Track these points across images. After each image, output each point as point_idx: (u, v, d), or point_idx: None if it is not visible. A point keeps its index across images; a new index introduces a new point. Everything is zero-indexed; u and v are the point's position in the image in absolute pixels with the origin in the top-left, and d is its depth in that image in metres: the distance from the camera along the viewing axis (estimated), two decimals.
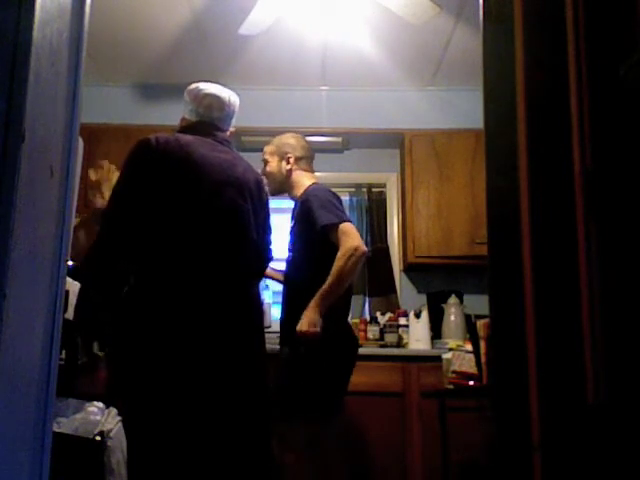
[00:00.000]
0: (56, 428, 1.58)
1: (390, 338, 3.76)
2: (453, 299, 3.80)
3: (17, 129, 0.94)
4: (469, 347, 2.73)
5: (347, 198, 4.21)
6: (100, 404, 1.86)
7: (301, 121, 4.02)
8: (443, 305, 3.80)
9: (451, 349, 2.91)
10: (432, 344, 3.68)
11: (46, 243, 1.08)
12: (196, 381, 2.04)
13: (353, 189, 4.34)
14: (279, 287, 3.01)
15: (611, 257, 1.15)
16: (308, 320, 2.41)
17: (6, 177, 0.92)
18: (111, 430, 1.77)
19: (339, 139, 4.25)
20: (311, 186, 2.71)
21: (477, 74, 1.51)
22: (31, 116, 0.96)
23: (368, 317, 3.96)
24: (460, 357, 2.72)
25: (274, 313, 3.64)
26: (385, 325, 3.83)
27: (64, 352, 2.15)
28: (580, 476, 1.15)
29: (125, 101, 4.25)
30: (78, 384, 2.24)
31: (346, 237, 2.49)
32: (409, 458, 3.32)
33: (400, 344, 3.74)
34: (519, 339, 1.22)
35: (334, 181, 3.97)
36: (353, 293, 2.96)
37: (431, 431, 3.12)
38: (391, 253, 4.23)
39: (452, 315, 3.74)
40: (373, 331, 3.81)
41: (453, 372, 2.73)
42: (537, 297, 1.22)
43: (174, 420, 2.00)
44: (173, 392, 2.01)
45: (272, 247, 2.43)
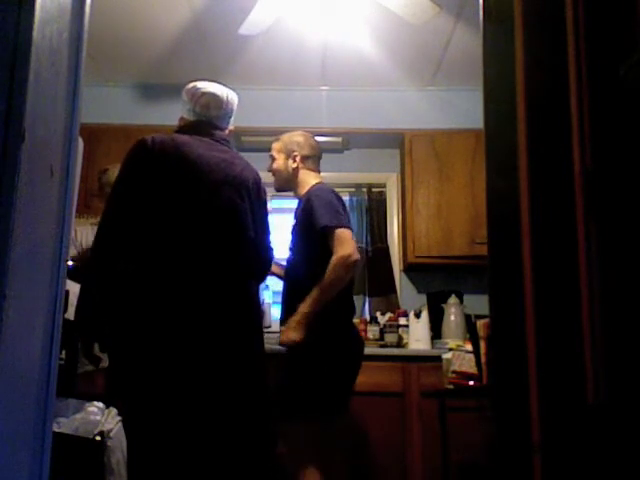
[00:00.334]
0: (56, 428, 1.57)
1: (390, 338, 3.76)
2: (453, 299, 3.80)
3: (17, 129, 0.94)
4: (469, 347, 2.73)
5: (347, 198, 4.20)
6: (100, 404, 1.86)
7: (301, 121, 4.02)
8: (443, 305, 3.80)
9: (451, 349, 2.90)
10: (432, 344, 3.67)
11: (46, 243, 1.08)
12: (195, 381, 2.04)
13: (353, 189, 4.34)
14: (279, 287, 3.00)
15: (611, 257, 1.15)
16: (286, 336, 2.42)
17: (6, 177, 0.92)
18: (111, 430, 1.77)
19: (339, 139, 4.25)
20: (315, 185, 2.69)
21: (477, 74, 1.52)
22: (31, 116, 0.96)
23: (368, 317, 3.96)
24: (460, 357, 2.72)
25: (274, 313, 3.64)
26: (385, 325, 3.83)
27: (64, 352, 2.15)
28: (580, 476, 1.15)
29: (125, 101, 4.25)
30: (78, 384, 2.24)
31: (339, 244, 2.47)
32: (409, 458, 3.32)
33: (400, 344, 3.74)
34: (519, 339, 1.22)
35: (334, 181, 3.96)
36: (354, 293, 2.94)
37: (431, 431, 3.12)
38: (391, 253, 4.23)
39: (452, 315, 3.74)
40: (373, 331, 3.81)
41: (453, 372, 2.72)
42: (537, 297, 1.21)
43: (174, 420, 2.00)
44: (172, 392, 2.01)
45: (272, 246, 2.42)
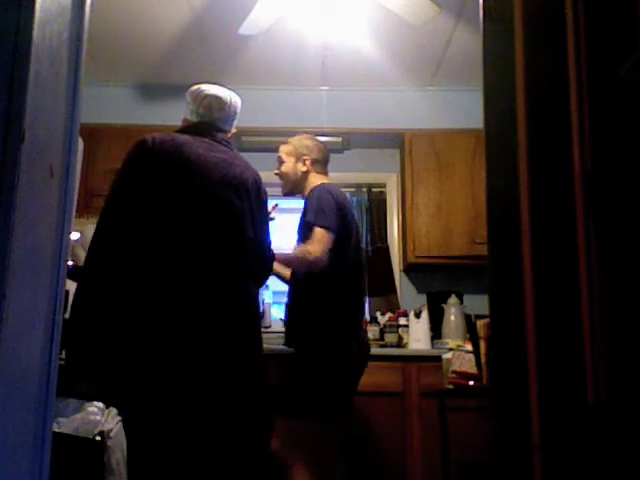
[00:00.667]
0: (56, 428, 1.58)
1: (390, 338, 3.75)
2: (453, 299, 3.80)
3: (17, 129, 0.93)
4: (469, 347, 2.73)
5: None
6: (100, 404, 1.86)
7: (301, 121, 4.02)
8: (443, 305, 3.80)
9: (451, 349, 2.91)
10: (432, 344, 3.68)
11: (46, 243, 1.08)
12: (194, 381, 2.04)
13: (353, 189, 4.34)
14: (279, 287, 3.00)
15: (611, 257, 1.15)
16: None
17: (6, 177, 0.92)
18: (111, 430, 1.77)
19: (339, 139, 4.25)
20: (317, 186, 2.70)
21: (477, 74, 1.52)
22: (31, 116, 0.96)
23: (368, 317, 3.96)
24: (460, 357, 2.72)
25: (274, 313, 3.64)
26: (385, 325, 3.83)
27: (64, 352, 2.15)
28: (580, 476, 1.15)
29: (125, 101, 4.25)
30: (77, 384, 2.24)
31: (310, 241, 2.48)
32: (409, 458, 3.32)
33: (400, 344, 3.74)
34: (519, 339, 1.22)
35: (334, 181, 3.91)
36: None
37: (431, 431, 3.12)
38: (391, 253, 4.23)
39: (452, 315, 3.74)
40: (373, 331, 3.81)
41: (453, 372, 2.72)
42: (537, 297, 1.21)
43: (174, 421, 2.00)
44: (172, 392, 2.01)
45: (271, 246, 2.42)
